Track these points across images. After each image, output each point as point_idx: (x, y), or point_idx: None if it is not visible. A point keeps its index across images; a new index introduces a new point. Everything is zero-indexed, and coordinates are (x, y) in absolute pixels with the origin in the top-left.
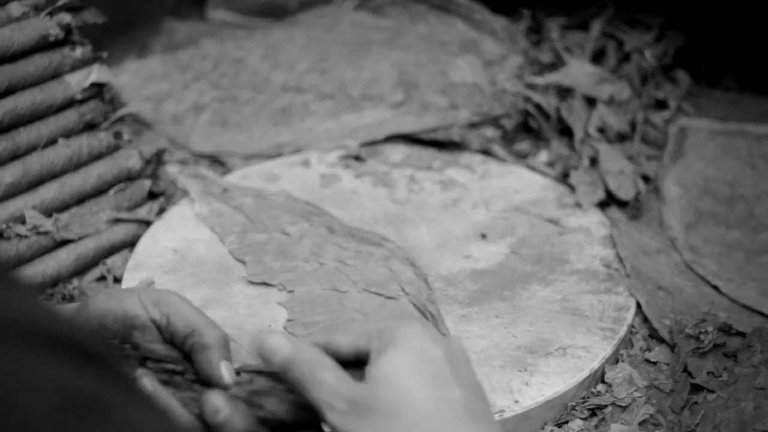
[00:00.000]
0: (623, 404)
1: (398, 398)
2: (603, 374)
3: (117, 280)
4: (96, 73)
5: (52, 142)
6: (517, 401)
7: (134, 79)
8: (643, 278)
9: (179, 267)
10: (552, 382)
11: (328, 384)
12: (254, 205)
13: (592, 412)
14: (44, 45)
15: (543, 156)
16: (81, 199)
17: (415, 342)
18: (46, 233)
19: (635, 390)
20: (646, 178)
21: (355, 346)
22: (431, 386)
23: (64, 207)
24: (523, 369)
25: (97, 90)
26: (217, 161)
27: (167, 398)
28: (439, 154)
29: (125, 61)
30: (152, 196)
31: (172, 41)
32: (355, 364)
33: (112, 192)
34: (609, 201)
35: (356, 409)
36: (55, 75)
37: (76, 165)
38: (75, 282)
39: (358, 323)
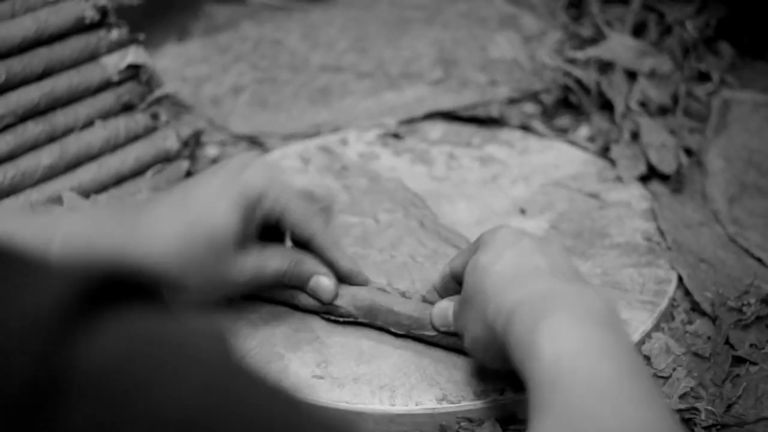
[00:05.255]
0: (664, 375)
1: (483, 274)
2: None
3: None
4: (132, 55)
5: (89, 124)
6: None
7: (174, 62)
8: (685, 251)
9: None
10: None
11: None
12: (365, 188)
13: None
14: (80, 27)
15: (583, 131)
16: (119, 181)
17: (500, 235)
18: None
19: (674, 359)
20: (688, 152)
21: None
22: (515, 257)
23: (101, 189)
24: None
25: (134, 72)
26: (255, 142)
27: None
28: (478, 131)
29: (165, 45)
30: (190, 176)
31: (212, 24)
32: None
33: (149, 173)
34: (651, 175)
35: (460, 307)
36: (92, 57)
37: (113, 146)
38: None
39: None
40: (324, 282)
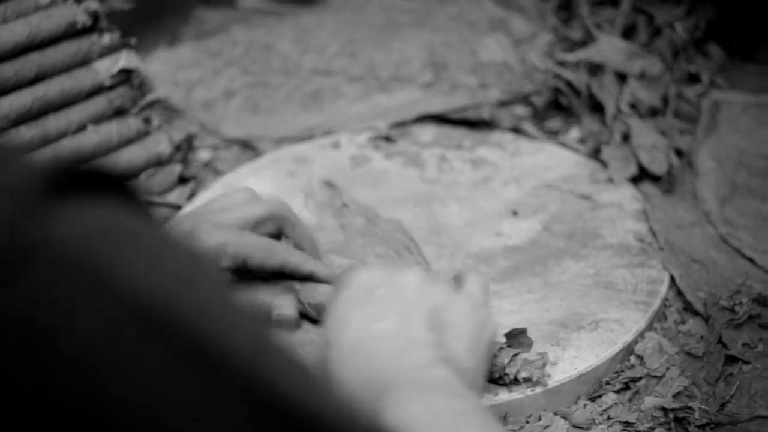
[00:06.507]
0: (657, 374)
1: (337, 329)
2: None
3: None
4: (124, 59)
5: (81, 128)
6: (549, 375)
7: (165, 67)
8: (677, 252)
9: None
10: (585, 356)
11: None
12: (361, 229)
13: (626, 385)
14: (72, 32)
15: (574, 133)
16: None
17: (359, 278)
18: None
19: (667, 359)
20: (679, 153)
21: None
22: (361, 322)
23: None
24: (555, 343)
25: (126, 76)
26: (247, 146)
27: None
28: (469, 133)
29: (156, 50)
30: (183, 180)
31: (203, 29)
32: None
33: (142, 177)
34: (642, 176)
35: (323, 350)
36: (84, 62)
37: (105, 151)
38: None
39: None
40: (283, 313)
